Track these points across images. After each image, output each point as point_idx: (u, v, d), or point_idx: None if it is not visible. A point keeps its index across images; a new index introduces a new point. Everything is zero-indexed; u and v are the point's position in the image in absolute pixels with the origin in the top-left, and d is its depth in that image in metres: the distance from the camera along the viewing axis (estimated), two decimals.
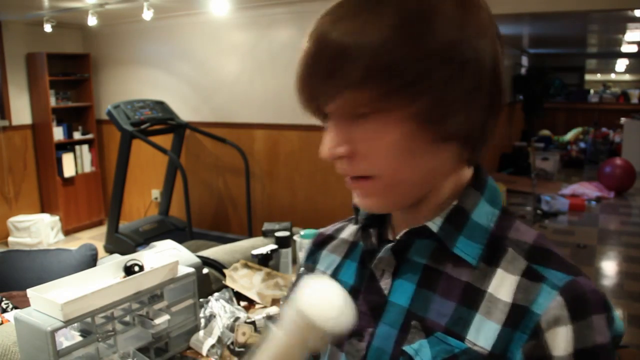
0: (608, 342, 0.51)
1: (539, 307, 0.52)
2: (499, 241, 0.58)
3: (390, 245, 0.63)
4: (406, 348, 0.58)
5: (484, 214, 0.60)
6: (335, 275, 0.70)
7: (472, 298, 0.56)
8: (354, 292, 0.64)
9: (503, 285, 0.55)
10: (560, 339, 0.51)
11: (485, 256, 0.58)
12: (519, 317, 0.53)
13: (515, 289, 0.54)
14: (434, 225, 0.59)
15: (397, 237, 0.62)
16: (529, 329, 0.52)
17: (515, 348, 0.52)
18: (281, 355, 0.52)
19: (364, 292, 0.64)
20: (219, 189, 4.91)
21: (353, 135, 0.55)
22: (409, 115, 0.53)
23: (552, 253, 0.56)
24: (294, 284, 0.47)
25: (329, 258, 0.74)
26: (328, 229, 0.79)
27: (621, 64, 11.69)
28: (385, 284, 0.63)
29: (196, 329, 1.53)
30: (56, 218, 5.12)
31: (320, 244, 0.77)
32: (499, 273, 0.56)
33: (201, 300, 1.64)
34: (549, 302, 0.52)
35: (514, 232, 0.59)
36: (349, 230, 0.75)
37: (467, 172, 0.62)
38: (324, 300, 0.49)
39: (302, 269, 0.78)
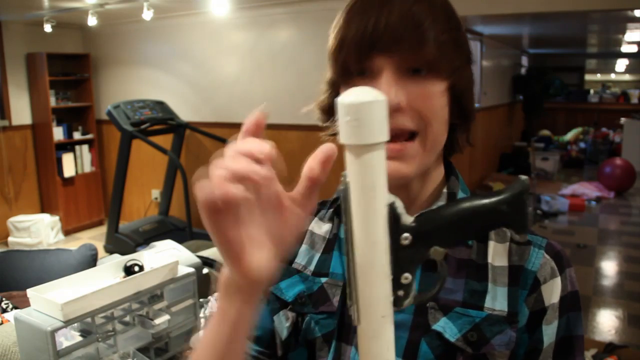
0: (578, 290, 0.64)
1: (533, 265, 0.62)
2: None
3: None
4: (435, 327, 0.61)
5: None
6: (323, 268, 0.68)
7: (478, 272, 0.63)
8: None
9: (497, 254, 0.63)
10: (553, 290, 0.62)
11: None
12: (517, 275, 0.62)
13: (508, 253, 0.63)
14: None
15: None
16: (529, 285, 0.61)
17: (520, 303, 0.61)
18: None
19: None
20: None
21: (410, 90, 0.59)
22: (446, 87, 0.60)
23: None
24: None
25: (308, 253, 0.71)
26: None
27: (621, 64, 11.69)
28: None
29: (196, 329, 1.53)
30: (56, 218, 5.11)
31: None
32: (491, 245, 0.64)
33: (201, 300, 1.64)
34: (540, 260, 0.62)
35: None
36: (320, 225, 0.73)
37: (442, 167, 0.69)
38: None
39: None
